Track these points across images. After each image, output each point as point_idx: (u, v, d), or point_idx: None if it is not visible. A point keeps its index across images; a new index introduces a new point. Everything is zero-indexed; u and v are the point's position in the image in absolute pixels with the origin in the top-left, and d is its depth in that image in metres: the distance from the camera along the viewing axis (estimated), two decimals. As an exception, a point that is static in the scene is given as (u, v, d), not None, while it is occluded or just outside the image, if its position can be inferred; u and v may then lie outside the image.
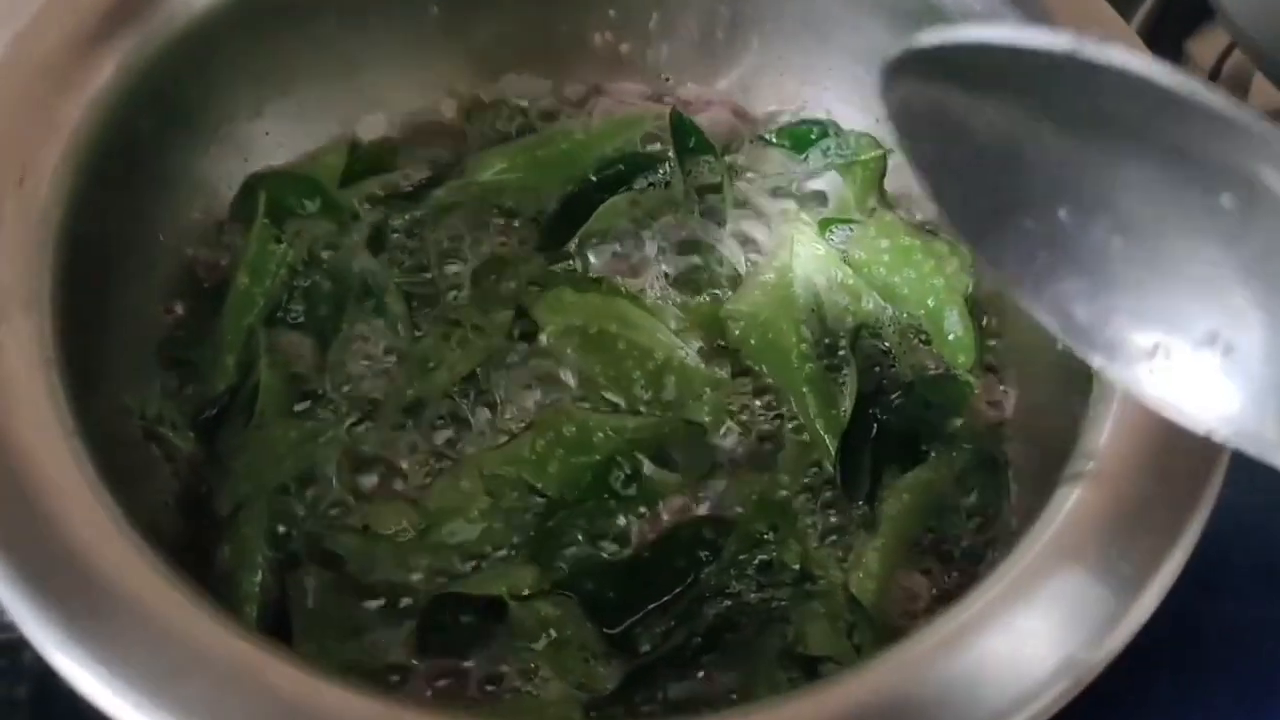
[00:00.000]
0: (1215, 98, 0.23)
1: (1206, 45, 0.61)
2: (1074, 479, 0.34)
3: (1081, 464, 0.34)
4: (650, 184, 0.50)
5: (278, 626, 0.39)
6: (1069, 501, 0.34)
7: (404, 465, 0.43)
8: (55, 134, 0.38)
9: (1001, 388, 0.47)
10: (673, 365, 0.45)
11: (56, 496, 0.31)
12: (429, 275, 0.48)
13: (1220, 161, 0.25)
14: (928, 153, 0.30)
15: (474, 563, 0.41)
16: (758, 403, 0.45)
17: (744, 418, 0.45)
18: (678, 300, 0.48)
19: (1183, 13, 0.60)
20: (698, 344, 0.46)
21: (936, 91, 0.28)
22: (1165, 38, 0.61)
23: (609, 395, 0.45)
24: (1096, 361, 0.30)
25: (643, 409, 0.45)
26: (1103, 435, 0.35)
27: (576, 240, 0.48)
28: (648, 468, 0.43)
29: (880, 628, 0.40)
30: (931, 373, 0.47)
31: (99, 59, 0.40)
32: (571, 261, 0.48)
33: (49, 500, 0.31)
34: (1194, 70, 0.61)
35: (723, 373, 0.46)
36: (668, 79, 0.54)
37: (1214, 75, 0.61)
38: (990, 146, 0.29)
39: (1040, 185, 0.28)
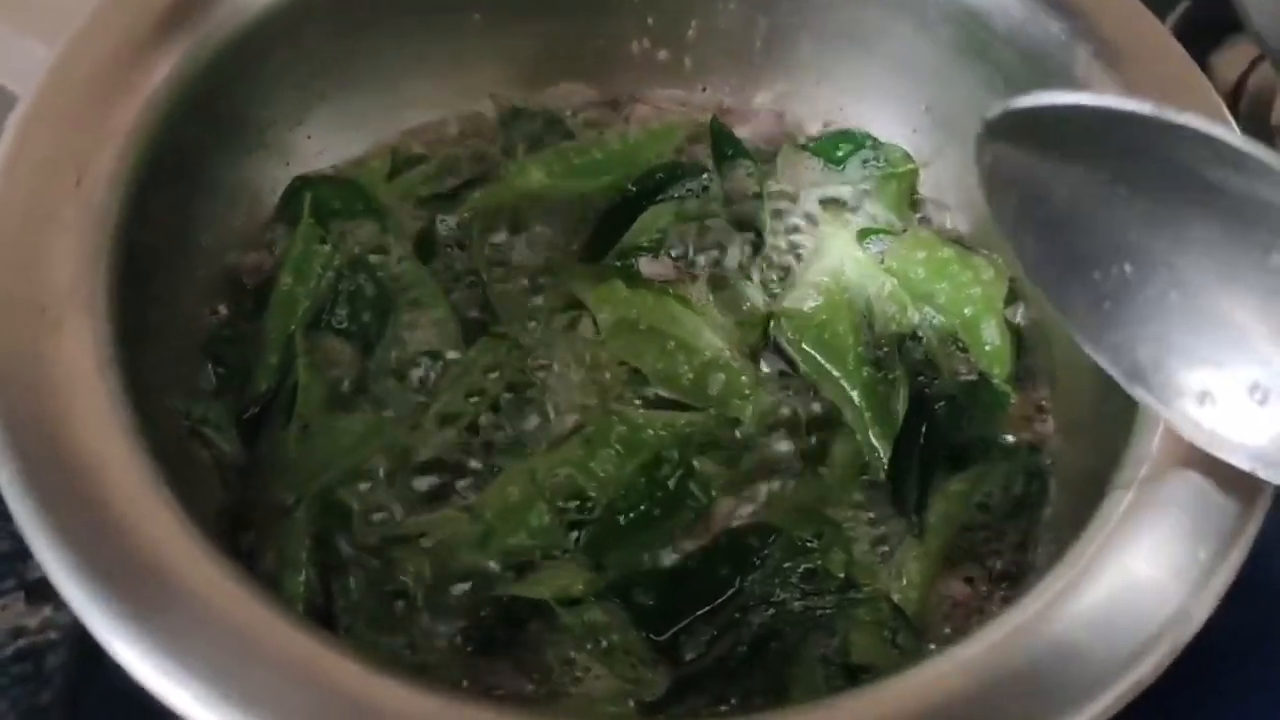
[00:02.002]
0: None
1: (1230, 60, 0.61)
2: (1128, 483, 0.34)
3: (1134, 470, 0.34)
4: (689, 191, 0.50)
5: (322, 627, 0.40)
6: (1123, 505, 0.34)
7: (452, 470, 0.43)
8: (110, 138, 0.38)
9: (1041, 400, 0.47)
10: (719, 363, 0.46)
11: (119, 494, 0.31)
12: (474, 280, 0.48)
13: (1276, 222, 0.28)
14: (1012, 211, 0.33)
15: (525, 567, 0.41)
16: (810, 407, 0.45)
17: (790, 421, 0.45)
18: (720, 305, 0.48)
19: (1207, 27, 0.60)
20: (741, 347, 0.46)
21: (1025, 155, 0.32)
22: (1190, 52, 0.61)
23: (658, 390, 0.45)
24: (1148, 401, 0.34)
25: (689, 402, 0.45)
26: (1155, 439, 0.35)
27: (619, 249, 0.49)
28: (699, 464, 0.43)
29: (924, 636, 0.40)
30: (968, 379, 0.47)
31: (152, 64, 0.40)
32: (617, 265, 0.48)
33: (111, 497, 0.31)
34: (1217, 85, 0.61)
35: (768, 375, 0.46)
36: (704, 88, 0.54)
37: (1237, 90, 0.61)
38: (1068, 208, 0.32)
39: (1110, 243, 0.32)
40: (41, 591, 0.44)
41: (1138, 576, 0.32)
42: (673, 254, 0.49)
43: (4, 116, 0.38)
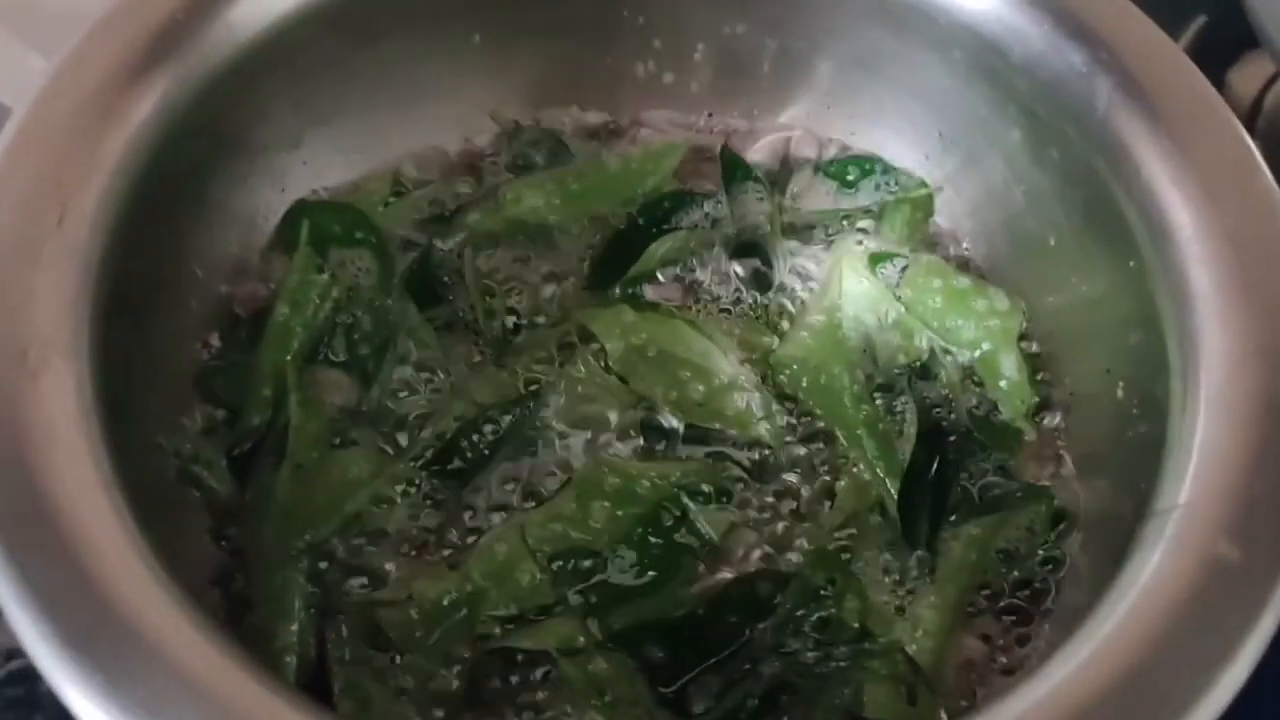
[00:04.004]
0: None
1: (1248, 76, 0.60)
2: (1157, 531, 0.33)
3: (1163, 519, 0.33)
4: (699, 220, 0.49)
5: (316, 676, 0.38)
6: (1151, 562, 0.32)
7: (444, 521, 0.41)
8: (96, 171, 0.37)
9: (1057, 435, 0.45)
10: (736, 385, 0.44)
11: (98, 556, 0.30)
12: (471, 311, 0.46)
13: None
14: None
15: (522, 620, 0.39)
16: (814, 447, 0.44)
17: (800, 461, 0.44)
18: (730, 334, 0.46)
19: (1224, 43, 0.59)
20: (753, 375, 0.45)
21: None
22: (1206, 68, 0.60)
23: (666, 418, 0.44)
24: None
25: (705, 425, 0.43)
26: (1187, 476, 0.33)
27: (627, 278, 0.47)
28: (695, 512, 0.41)
29: (940, 691, 0.39)
30: (982, 415, 0.45)
31: (141, 92, 0.39)
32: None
33: (90, 560, 0.30)
34: (1234, 102, 0.60)
35: (779, 409, 0.45)
36: (711, 113, 0.53)
37: (1256, 106, 0.60)
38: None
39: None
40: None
41: (1167, 641, 0.31)
42: (681, 283, 0.48)
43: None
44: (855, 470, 0.43)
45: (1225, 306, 0.36)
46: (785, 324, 0.47)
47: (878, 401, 0.45)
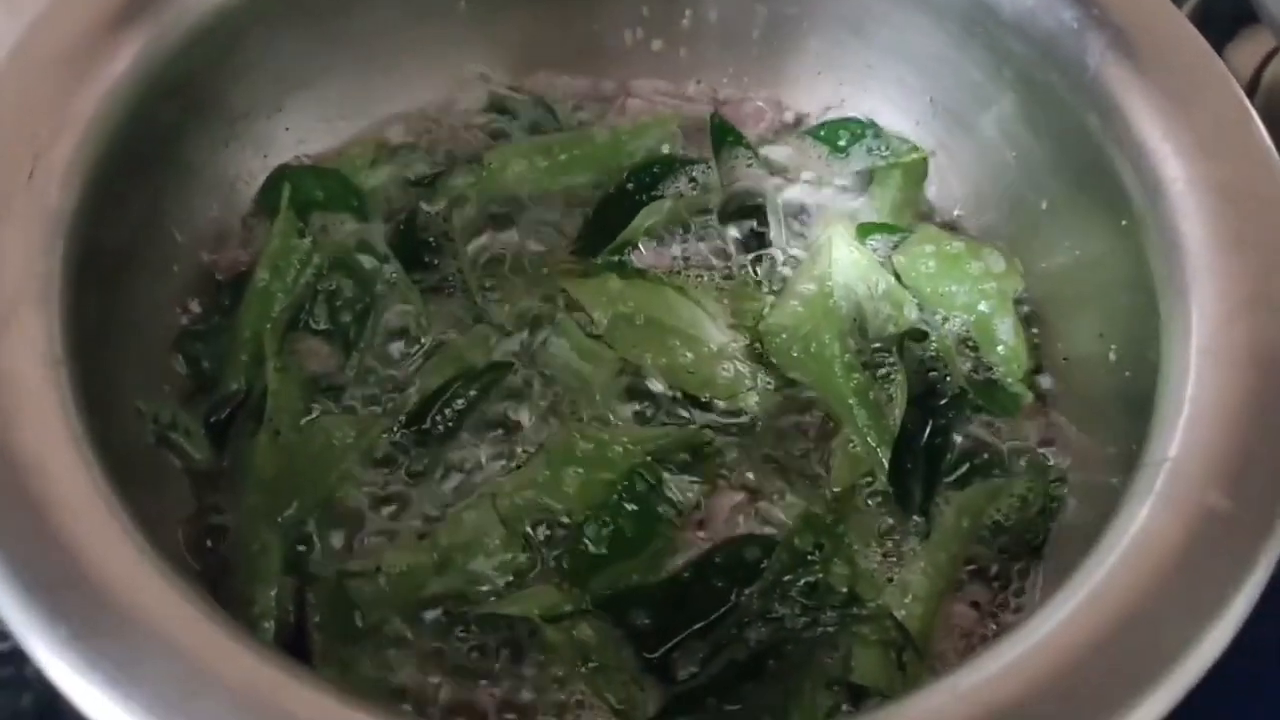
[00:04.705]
0: None
1: (1246, 51, 0.59)
2: (1147, 487, 0.32)
3: (1153, 470, 0.32)
4: (688, 184, 0.48)
5: (295, 642, 0.38)
6: (1135, 523, 0.31)
7: (419, 488, 0.41)
8: (69, 127, 0.36)
9: (1050, 399, 0.45)
10: (726, 354, 0.44)
11: (63, 506, 0.29)
12: (459, 276, 0.46)
13: None
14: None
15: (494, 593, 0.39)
16: (804, 416, 0.43)
17: (790, 430, 0.43)
18: (720, 301, 0.46)
19: (1221, 19, 0.58)
20: (743, 343, 0.45)
21: None
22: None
23: (653, 382, 0.43)
24: None
25: (694, 393, 0.43)
26: (1174, 442, 0.33)
27: (614, 245, 0.46)
28: (669, 479, 0.41)
29: (929, 657, 0.38)
30: (980, 381, 0.45)
31: (116, 49, 0.38)
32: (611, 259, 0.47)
33: (55, 510, 0.29)
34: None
35: (767, 378, 0.44)
36: (699, 80, 0.52)
37: (1254, 81, 0.59)
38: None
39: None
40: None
41: (1148, 603, 0.30)
42: (664, 248, 0.47)
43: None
44: (849, 443, 0.42)
45: (1217, 258, 0.35)
46: (776, 289, 0.46)
47: (869, 370, 0.44)
